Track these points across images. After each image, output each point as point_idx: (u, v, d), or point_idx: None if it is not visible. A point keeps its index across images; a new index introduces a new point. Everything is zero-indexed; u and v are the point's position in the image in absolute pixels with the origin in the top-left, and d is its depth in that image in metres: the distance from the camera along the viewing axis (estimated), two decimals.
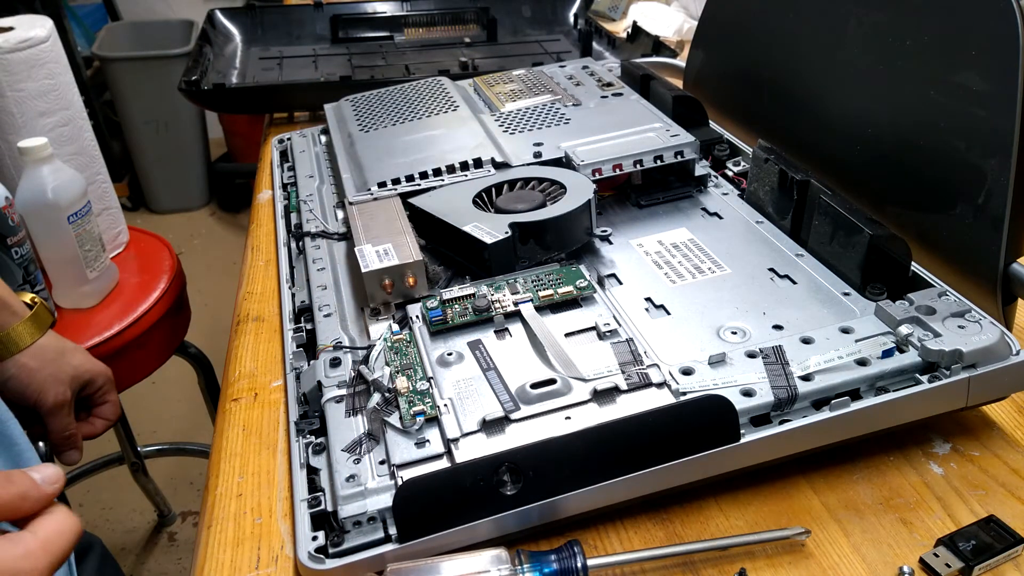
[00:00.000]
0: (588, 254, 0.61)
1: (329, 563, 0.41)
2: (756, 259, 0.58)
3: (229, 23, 1.20)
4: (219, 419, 0.55)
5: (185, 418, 1.72)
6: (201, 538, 0.46)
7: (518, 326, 0.52)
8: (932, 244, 0.56)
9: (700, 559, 0.43)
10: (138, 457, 1.38)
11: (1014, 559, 0.42)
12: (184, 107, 2.31)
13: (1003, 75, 0.50)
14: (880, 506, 0.46)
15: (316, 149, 0.83)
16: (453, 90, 0.82)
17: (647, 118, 0.72)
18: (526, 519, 0.42)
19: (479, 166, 0.67)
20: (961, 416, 0.51)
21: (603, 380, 0.47)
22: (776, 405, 0.45)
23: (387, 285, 0.55)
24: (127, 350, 0.90)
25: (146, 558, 1.45)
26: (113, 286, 0.94)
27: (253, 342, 0.61)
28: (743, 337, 0.51)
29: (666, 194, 0.68)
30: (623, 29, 1.13)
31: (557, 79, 0.83)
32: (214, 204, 2.60)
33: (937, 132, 0.56)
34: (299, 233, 0.68)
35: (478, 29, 1.22)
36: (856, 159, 0.63)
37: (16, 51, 0.85)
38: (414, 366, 0.49)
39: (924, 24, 0.56)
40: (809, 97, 0.69)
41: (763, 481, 0.47)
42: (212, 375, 1.17)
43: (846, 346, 0.48)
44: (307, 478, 0.46)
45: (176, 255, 1.03)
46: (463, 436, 0.44)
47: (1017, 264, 0.51)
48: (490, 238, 0.56)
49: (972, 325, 0.48)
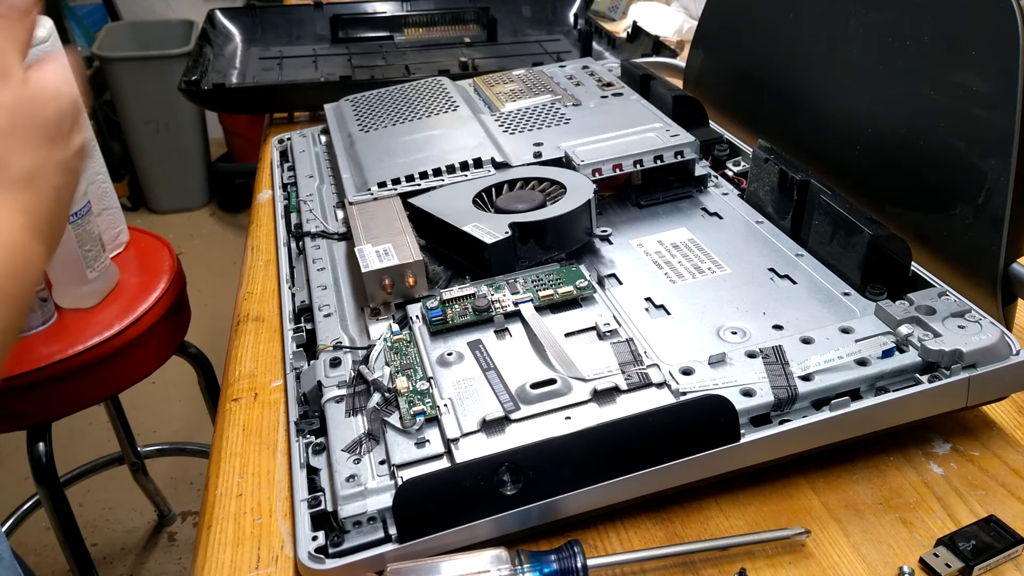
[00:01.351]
0: (588, 254, 0.61)
1: (329, 563, 0.41)
2: (756, 259, 0.58)
3: (229, 23, 1.20)
4: (219, 419, 0.55)
5: (185, 418, 1.72)
6: (201, 538, 0.46)
7: (518, 326, 0.52)
8: (932, 244, 0.56)
9: (700, 559, 0.43)
10: (138, 457, 1.38)
11: (1014, 559, 0.42)
12: (184, 107, 2.31)
13: (1003, 75, 0.50)
14: (880, 506, 0.46)
15: (316, 149, 0.83)
16: (453, 90, 0.82)
17: (647, 118, 0.72)
18: (526, 519, 0.42)
19: (479, 166, 0.67)
20: (961, 416, 0.51)
21: (603, 380, 0.47)
22: (776, 405, 0.45)
23: (387, 285, 0.55)
24: (127, 350, 0.90)
25: (146, 558, 1.45)
26: (113, 286, 0.94)
27: (253, 342, 0.61)
28: (743, 337, 0.51)
29: (666, 194, 0.68)
30: (623, 29, 1.13)
31: (557, 79, 0.83)
32: (214, 204, 2.60)
33: (937, 132, 0.56)
34: (299, 233, 0.68)
35: (478, 29, 1.22)
36: (856, 159, 0.63)
37: None
38: (414, 366, 0.49)
39: (924, 24, 0.56)
40: (809, 97, 0.69)
41: (763, 481, 0.47)
42: (212, 375, 1.17)
43: (846, 346, 0.48)
44: (307, 478, 0.46)
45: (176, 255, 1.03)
46: (463, 436, 0.44)
47: (1017, 264, 0.51)
48: (490, 238, 0.56)
49: (972, 325, 0.48)
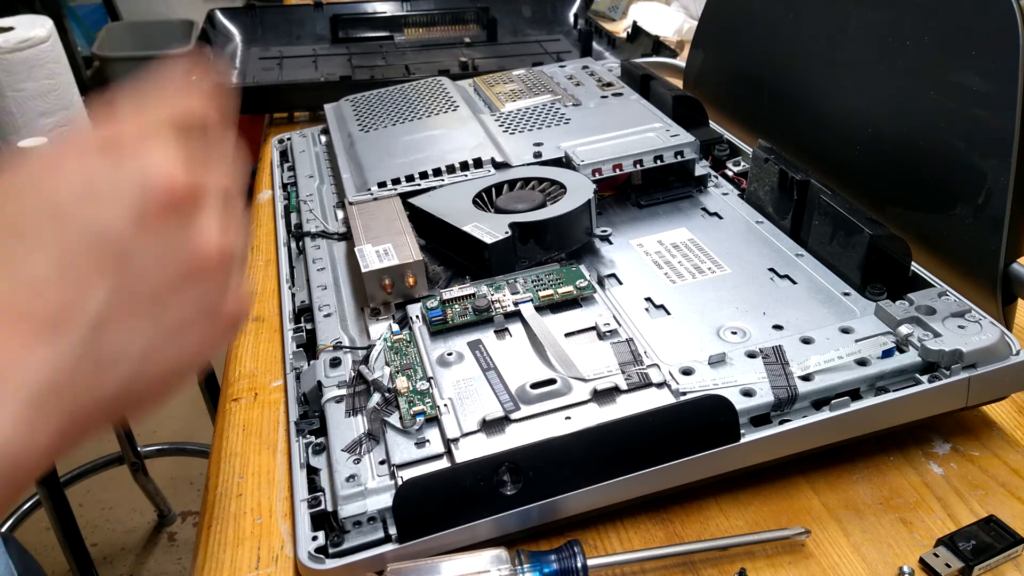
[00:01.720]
0: (588, 254, 0.61)
1: (329, 563, 0.41)
2: (756, 259, 0.58)
3: (229, 23, 1.20)
4: (219, 419, 0.55)
5: (185, 418, 1.72)
6: (201, 538, 0.46)
7: (518, 326, 0.52)
8: (932, 244, 0.56)
9: (700, 559, 0.43)
10: (138, 457, 1.38)
11: (1014, 559, 0.42)
12: None
13: (1003, 75, 0.50)
14: (880, 506, 0.46)
15: (316, 149, 0.83)
16: (453, 90, 0.82)
17: (647, 118, 0.72)
18: (526, 519, 0.42)
19: (479, 166, 0.67)
20: (961, 416, 0.51)
21: (603, 380, 0.47)
22: (776, 405, 0.45)
23: (387, 285, 0.55)
24: None
25: (146, 558, 1.45)
26: None
27: (253, 342, 0.61)
28: (743, 337, 0.51)
29: (666, 194, 0.68)
30: (623, 29, 1.13)
31: (557, 79, 0.83)
32: None
33: (937, 132, 0.56)
34: (299, 233, 0.68)
35: (478, 29, 1.22)
36: (856, 159, 0.63)
37: (16, 51, 0.85)
38: (414, 366, 0.49)
39: (924, 24, 0.56)
40: (809, 97, 0.69)
41: (763, 481, 0.47)
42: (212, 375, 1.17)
43: (846, 346, 0.48)
44: (307, 478, 0.46)
45: None
46: (463, 436, 0.44)
47: (1017, 264, 0.51)
48: (490, 238, 0.56)
49: (972, 325, 0.48)
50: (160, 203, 0.25)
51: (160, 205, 0.25)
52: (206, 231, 0.26)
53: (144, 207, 0.25)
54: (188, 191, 0.26)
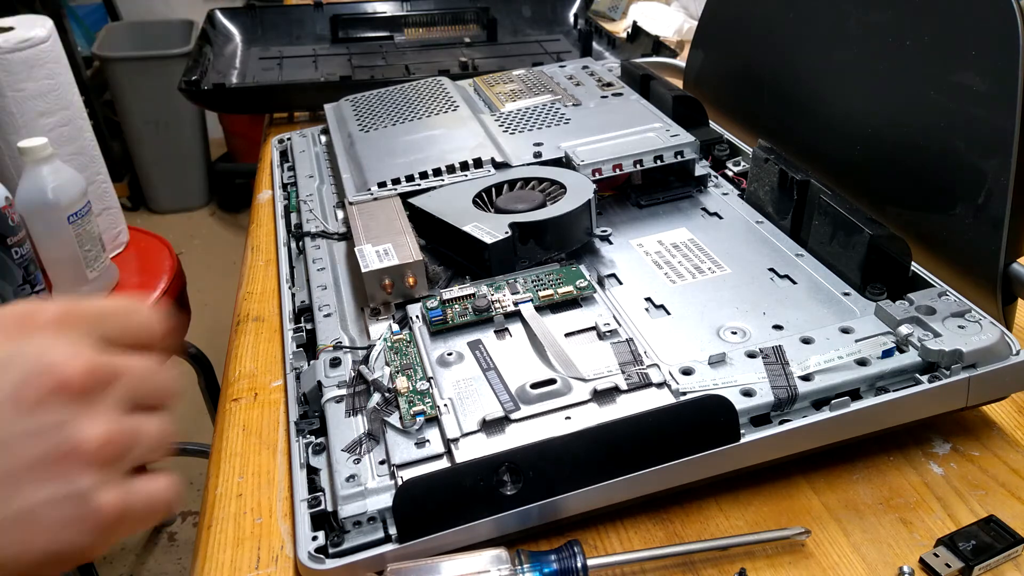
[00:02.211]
0: (588, 254, 0.61)
1: (329, 563, 0.41)
2: (756, 259, 0.58)
3: (229, 23, 1.20)
4: (219, 419, 0.55)
5: (185, 418, 1.72)
6: (201, 538, 0.46)
7: (518, 326, 0.52)
8: (932, 244, 0.56)
9: (700, 559, 0.43)
10: None
11: (1014, 559, 0.42)
12: (184, 107, 2.30)
13: (1003, 75, 0.50)
14: (880, 506, 0.46)
15: (316, 149, 0.83)
16: (453, 90, 0.82)
17: (647, 118, 0.72)
18: (526, 519, 0.42)
19: (479, 166, 0.67)
20: (961, 416, 0.51)
21: (603, 380, 0.47)
22: (776, 405, 0.45)
23: (387, 285, 0.55)
24: None
25: (146, 558, 1.45)
26: (113, 286, 0.94)
27: (253, 342, 0.61)
28: (743, 337, 0.51)
29: (666, 194, 0.68)
30: (623, 29, 1.13)
31: (557, 79, 0.83)
32: (214, 204, 2.60)
33: (937, 132, 0.56)
34: (299, 233, 0.68)
35: (478, 29, 1.22)
36: (856, 159, 0.63)
37: (16, 51, 0.85)
38: (414, 366, 0.49)
39: (924, 24, 0.56)
40: (809, 97, 0.69)
41: (763, 481, 0.47)
42: (212, 375, 1.17)
43: (846, 346, 0.48)
44: (307, 478, 0.46)
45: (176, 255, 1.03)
46: (463, 436, 0.44)
47: (1017, 264, 0.51)
48: (490, 238, 0.56)
49: (972, 325, 0.48)
50: (45, 387, 0.25)
51: (44, 389, 0.25)
52: (90, 425, 0.26)
53: (25, 385, 0.25)
54: (81, 385, 0.26)
